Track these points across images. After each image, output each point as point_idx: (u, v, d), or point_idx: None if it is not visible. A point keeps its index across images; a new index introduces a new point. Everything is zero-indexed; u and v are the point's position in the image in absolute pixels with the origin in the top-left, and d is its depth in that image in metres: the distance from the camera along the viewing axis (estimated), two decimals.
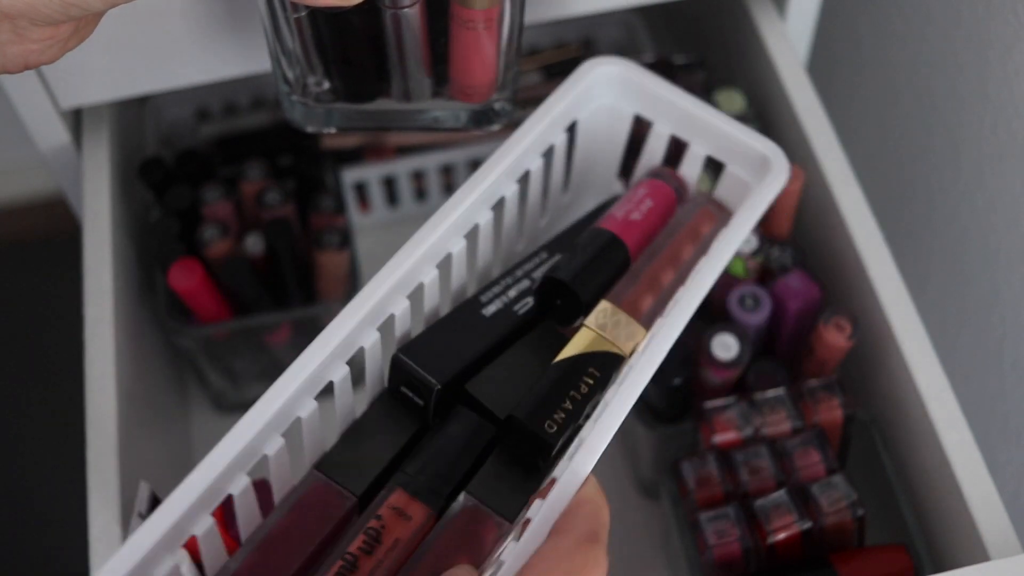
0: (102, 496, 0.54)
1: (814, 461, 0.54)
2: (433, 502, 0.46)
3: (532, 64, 0.81)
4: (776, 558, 0.53)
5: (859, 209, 0.60)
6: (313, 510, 0.46)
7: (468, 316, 0.50)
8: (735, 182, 0.52)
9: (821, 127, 0.64)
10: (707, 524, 0.52)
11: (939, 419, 0.54)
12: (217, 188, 0.65)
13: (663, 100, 0.53)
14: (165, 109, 0.79)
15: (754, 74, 0.70)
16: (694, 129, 0.53)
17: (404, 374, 0.48)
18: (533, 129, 0.52)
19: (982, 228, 0.77)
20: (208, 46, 0.60)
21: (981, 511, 0.51)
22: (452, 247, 0.50)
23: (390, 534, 0.45)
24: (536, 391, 0.46)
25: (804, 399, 0.55)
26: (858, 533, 0.53)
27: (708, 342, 0.56)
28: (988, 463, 0.55)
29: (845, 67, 0.94)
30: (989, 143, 0.73)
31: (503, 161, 0.51)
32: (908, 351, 0.56)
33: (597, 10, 0.64)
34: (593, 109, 0.55)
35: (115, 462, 0.55)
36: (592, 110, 0.55)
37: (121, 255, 0.63)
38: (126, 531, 0.54)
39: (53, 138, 0.64)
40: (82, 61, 0.59)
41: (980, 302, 0.79)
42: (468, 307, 0.50)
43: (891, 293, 0.58)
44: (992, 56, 0.71)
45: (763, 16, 0.69)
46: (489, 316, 0.50)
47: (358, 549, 0.44)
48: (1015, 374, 0.77)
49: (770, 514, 0.52)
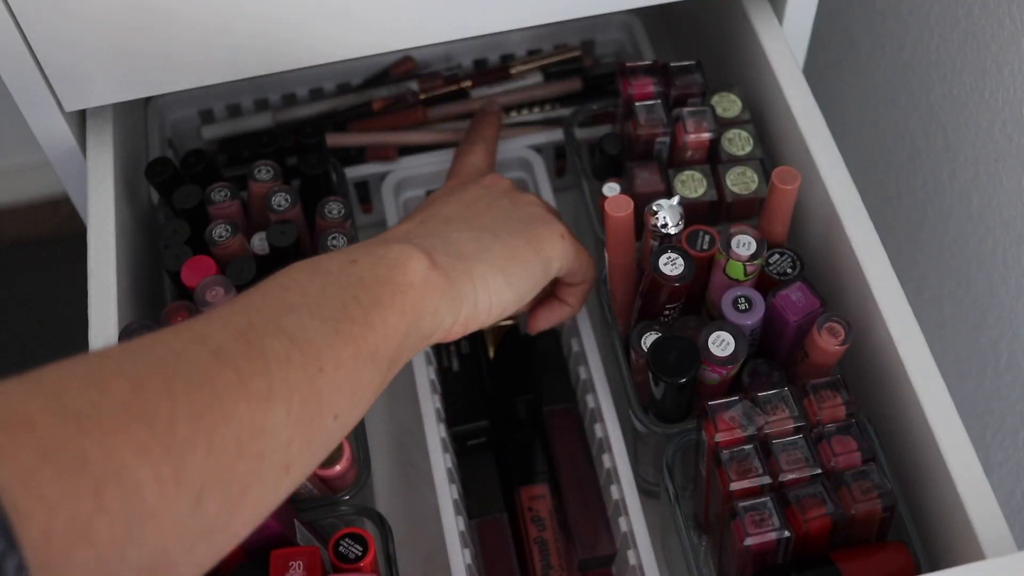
0: None
1: (851, 449, 0.54)
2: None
3: (531, 65, 0.82)
4: (806, 547, 0.53)
5: (855, 211, 0.61)
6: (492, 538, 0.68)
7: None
8: None
9: (818, 129, 0.64)
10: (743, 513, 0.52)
11: (935, 419, 0.54)
12: (225, 188, 0.66)
13: None
14: (169, 111, 0.80)
15: (751, 77, 0.70)
16: None
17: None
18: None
19: (978, 229, 0.77)
20: (211, 48, 0.60)
21: (977, 510, 0.52)
22: None
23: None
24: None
25: (807, 397, 0.56)
26: (884, 524, 0.54)
27: (705, 339, 0.57)
28: (983, 463, 0.55)
29: (842, 70, 0.94)
30: (985, 145, 0.74)
31: None
32: (904, 351, 0.56)
33: (597, 11, 0.64)
34: None
35: None
36: None
37: (125, 256, 0.63)
38: None
39: (58, 140, 0.64)
40: (86, 64, 0.59)
41: (976, 303, 0.80)
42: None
43: (887, 294, 0.58)
44: (988, 58, 0.71)
45: (760, 19, 0.69)
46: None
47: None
48: (1010, 374, 0.77)
49: (804, 502, 0.52)
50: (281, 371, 0.42)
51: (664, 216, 0.59)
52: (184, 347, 0.40)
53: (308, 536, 0.57)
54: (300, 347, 0.43)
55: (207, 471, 0.38)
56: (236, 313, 0.43)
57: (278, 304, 0.45)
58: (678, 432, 0.60)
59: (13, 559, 0.31)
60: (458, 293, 0.52)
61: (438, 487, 0.64)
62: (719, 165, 0.66)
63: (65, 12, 0.56)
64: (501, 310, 0.55)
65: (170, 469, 0.36)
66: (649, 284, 0.59)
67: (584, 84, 0.82)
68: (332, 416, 0.44)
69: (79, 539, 0.33)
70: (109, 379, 0.37)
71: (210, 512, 0.38)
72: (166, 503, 0.36)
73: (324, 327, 0.44)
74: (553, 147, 0.81)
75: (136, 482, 0.35)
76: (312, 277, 0.47)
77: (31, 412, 0.34)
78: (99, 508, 0.34)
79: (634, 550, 0.63)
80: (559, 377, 0.73)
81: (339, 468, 0.59)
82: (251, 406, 0.40)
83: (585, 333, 0.70)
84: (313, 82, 0.81)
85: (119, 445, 0.35)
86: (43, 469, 0.33)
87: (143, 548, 0.35)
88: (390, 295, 0.48)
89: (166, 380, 0.38)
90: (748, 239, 0.58)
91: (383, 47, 0.62)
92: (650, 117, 0.66)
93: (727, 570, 0.56)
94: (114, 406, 0.36)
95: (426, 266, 0.50)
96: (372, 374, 0.46)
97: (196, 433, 0.37)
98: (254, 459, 0.40)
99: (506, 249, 0.55)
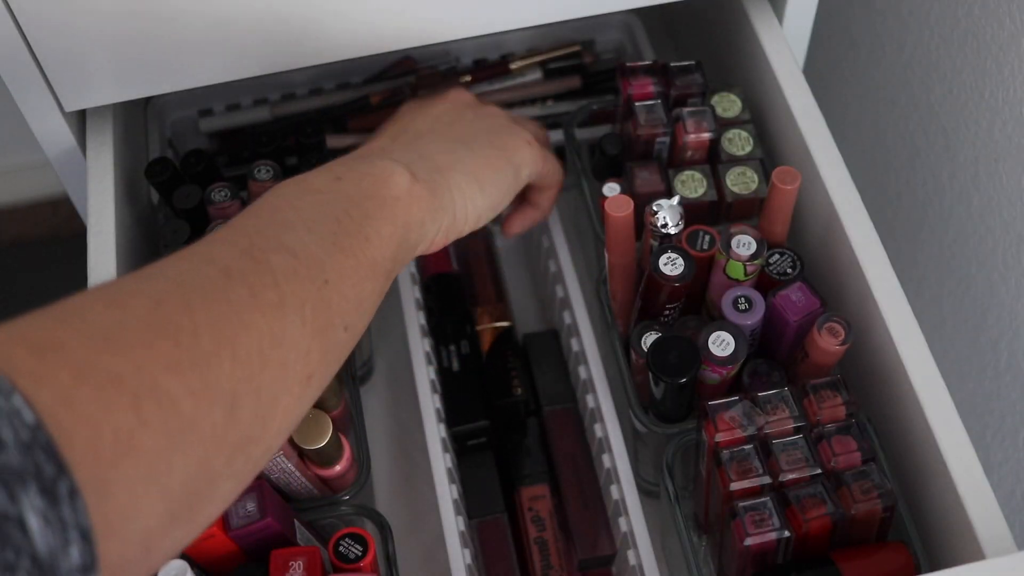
0: None
1: (851, 449, 0.54)
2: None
3: (531, 61, 0.82)
4: (806, 547, 0.53)
5: (855, 211, 0.61)
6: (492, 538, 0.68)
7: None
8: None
9: (818, 129, 0.64)
10: (743, 513, 0.52)
11: (935, 419, 0.54)
12: (225, 188, 0.66)
13: None
14: (169, 111, 0.80)
15: (751, 77, 0.70)
16: None
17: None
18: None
19: (978, 229, 0.77)
20: (212, 48, 0.60)
21: (977, 510, 0.52)
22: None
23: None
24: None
25: (807, 397, 0.56)
26: (884, 524, 0.54)
27: (705, 339, 0.57)
28: (983, 463, 0.55)
29: (842, 70, 0.94)
30: (985, 145, 0.74)
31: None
32: (904, 351, 0.56)
33: (597, 11, 0.64)
34: None
35: None
36: None
37: (125, 256, 0.63)
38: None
39: (58, 140, 0.64)
40: (86, 64, 0.59)
41: (976, 303, 0.80)
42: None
43: (887, 294, 0.58)
44: (988, 58, 0.71)
45: (760, 19, 0.69)
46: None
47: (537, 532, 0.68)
48: (1010, 374, 0.77)
49: (804, 502, 0.52)
50: (289, 284, 0.43)
51: (664, 216, 0.59)
52: (195, 267, 0.42)
53: (308, 536, 0.57)
54: (304, 261, 0.45)
55: (236, 380, 0.39)
56: (236, 234, 0.45)
57: (274, 223, 0.46)
58: (678, 432, 0.60)
59: (65, 482, 0.31)
60: (439, 204, 0.54)
61: (438, 487, 0.64)
62: (719, 165, 0.66)
63: (65, 12, 0.56)
64: (477, 218, 0.58)
65: (200, 381, 0.37)
66: (649, 284, 0.59)
67: (583, 81, 0.82)
68: (343, 327, 0.46)
69: (125, 452, 0.34)
70: (128, 300, 0.38)
71: (244, 421, 0.39)
72: (201, 414, 0.37)
73: (323, 242, 0.46)
74: (553, 147, 0.81)
75: (170, 395, 0.36)
76: (302, 196, 0.49)
77: (59, 335, 0.35)
78: (140, 422, 0.35)
79: (634, 550, 0.63)
80: (559, 377, 0.73)
81: (339, 468, 0.59)
82: (267, 317, 0.41)
83: (585, 333, 0.70)
84: (313, 82, 0.81)
85: (148, 361, 0.36)
86: (81, 388, 0.33)
87: (187, 459, 0.36)
88: (378, 209, 0.50)
89: (183, 297, 0.39)
90: (748, 239, 0.58)
91: (383, 47, 0.62)
92: (650, 117, 0.66)
93: (727, 570, 0.56)
94: (138, 323, 0.37)
95: (408, 180, 0.52)
96: (373, 284, 0.49)
97: (219, 345, 0.39)
98: (278, 367, 0.41)
99: (479, 159, 0.58)
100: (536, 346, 0.75)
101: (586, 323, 0.70)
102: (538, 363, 0.74)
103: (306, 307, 0.43)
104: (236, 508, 0.54)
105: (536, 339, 0.75)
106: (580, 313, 0.71)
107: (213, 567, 0.55)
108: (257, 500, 0.54)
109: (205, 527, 0.40)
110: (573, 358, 0.72)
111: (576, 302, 0.71)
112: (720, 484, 0.54)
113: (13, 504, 0.29)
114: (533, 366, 0.74)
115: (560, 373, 0.73)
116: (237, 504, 0.54)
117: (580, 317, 0.70)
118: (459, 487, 0.68)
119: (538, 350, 0.74)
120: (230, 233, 0.45)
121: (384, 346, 0.80)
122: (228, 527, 0.53)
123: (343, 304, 0.46)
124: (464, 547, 0.63)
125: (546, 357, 0.74)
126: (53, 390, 0.33)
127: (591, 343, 0.69)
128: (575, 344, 0.71)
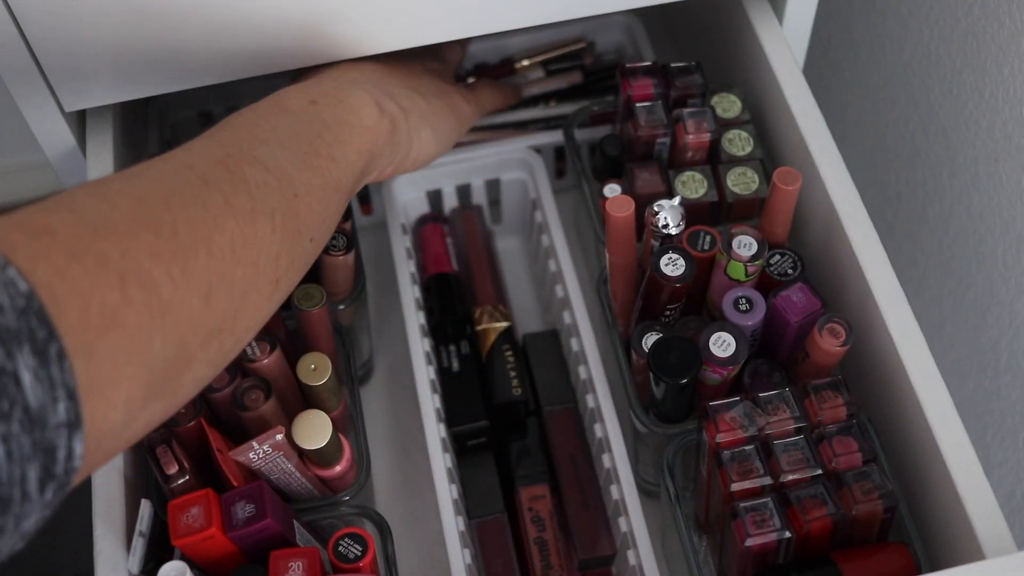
0: (106, 516, 0.55)
1: (851, 449, 0.54)
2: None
3: (536, 59, 0.82)
4: (807, 547, 0.53)
5: (855, 211, 0.61)
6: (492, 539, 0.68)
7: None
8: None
9: (818, 130, 0.64)
10: (744, 513, 0.52)
11: (935, 419, 0.54)
12: None
13: None
14: (169, 111, 0.80)
15: (751, 77, 0.70)
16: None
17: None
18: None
19: (978, 229, 0.77)
20: (212, 48, 0.60)
21: (977, 510, 0.52)
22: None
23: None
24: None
25: (808, 397, 0.56)
26: (884, 525, 0.54)
27: (706, 340, 0.57)
28: (983, 463, 0.55)
29: (842, 70, 0.94)
30: (985, 145, 0.74)
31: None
32: (904, 351, 0.56)
33: (597, 11, 0.64)
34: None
35: (119, 480, 0.56)
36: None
37: None
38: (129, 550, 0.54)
39: (58, 140, 0.64)
40: (86, 64, 0.59)
41: (976, 303, 0.80)
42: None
43: (887, 294, 0.58)
44: (988, 58, 0.71)
45: (760, 19, 0.69)
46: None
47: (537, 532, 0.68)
48: (1010, 374, 0.77)
49: (805, 503, 0.52)
50: (261, 193, 0.47)
51: (665, 216, 0.59)
52: (175, 171, 0.46)
53: (308, 536, 0.57)
54: (275, 175, 0.49)
55: (211, 272, 0.43)
56: (213, 144, 0.49)
57: (250, 137, 0.50)
58: (679, 432, 0.60)
59: (55, 346, 0.35)
60: (398, 140, 0.59)
61: (438, 487, 0.64)
62: (719, 165, 0.66)
63: (65, 12, 0.56)
64: (423, 161, 0.63)
65: (179, 269, 0.41)
66: (650, 284, 0.59)
67: (584, 78, 0.82)
68: (308, 238, 0.51)
69: (110, 325, 0.38)
70: (115, 196, 0.42)
71: (218, 311, 0.43)
72: (180, 299, 0.41)
73: (295, 159, 0.50)
74: (553, 148, 0.81)
75: (152, 279, 0.40)
76: (279, 115, 0.53)
77: (52, 223, 0.38)
78: (125, 300, 0.38)
79: (634, 550, 0.63)
80: (559, 377, 0.73)
81: (339, 468, 0.59)
82: (239, 221, 0.45)
83: (585, 333, 0.70)
84: None
85: (133, 248, 0.40)
86: (73, 266, 0.37)
87: (166, 338, 0.40)
88: (348, 135, 0.55)
89: (164, 197, 0.43)
90: (749, 240, 0.58)
91: (383, 47, 0.62)
92: (650, 118, 0.66)
93: (727, 570, 0.56)
94: (123, 217, 0.41)
95: (377, 113, 0.57)
96: (336, 203, 0.53)
97: (196, 240, 0.43)
98: (249, 266, 0.46)
99: (431, 108, 0.64)
100: (536, 346, 0.75)
101: (586, 323, 0.70)
102: (538, 363, 0.74)
103: (276, 216, 0.47)
104: (236, 509, 0.54)
105: (536, 339, 0.75)
106: (580, 313, 0.71)
107: (213, 568, 0.55)
108: (257, 501, 0.54)
109: (180, 405, 0.44)
110: (573, 358, 0.72)
111: (576, 302, 0.71)
112: (721, 484, 0.54)
113: (9, 360, 0.33)
114: (533, 366, 0.74)
115: (560, 373, 0.73)
116: (237, 505, 0.54)
117: (580, 317, 0.70)
118: (459, 487, 0.68)
119: (538, 350, 0.74)
120: (208, 143, 0.49)
121: (384, 346, 0.80)
122: (228, 528, 0.53)
123: (310, 217, 0.50)
124: (464, 547, 0.63)
125: (546, 357, 0.74)
126: (48, 266, 0.36)
127: (591, 343, 0.69)
128: (575, 344, 0.71)
